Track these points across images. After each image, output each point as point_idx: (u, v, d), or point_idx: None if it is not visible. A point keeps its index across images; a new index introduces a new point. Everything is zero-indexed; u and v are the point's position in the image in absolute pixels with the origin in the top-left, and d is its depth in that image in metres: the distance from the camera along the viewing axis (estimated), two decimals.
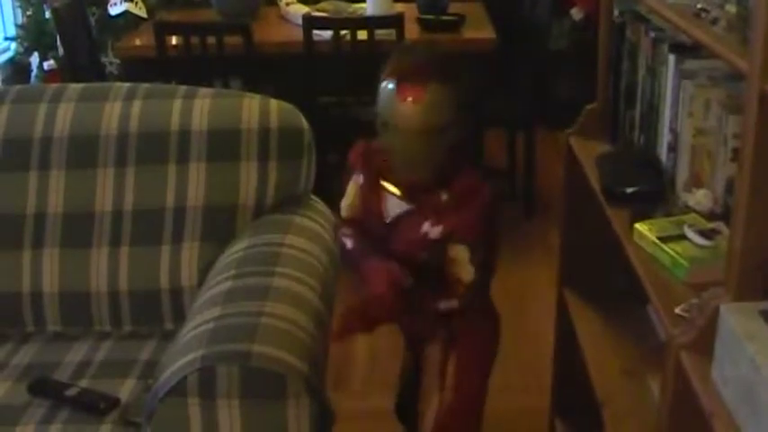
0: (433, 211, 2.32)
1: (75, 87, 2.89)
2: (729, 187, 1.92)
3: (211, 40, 4.44)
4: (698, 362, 1.53)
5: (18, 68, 5.78)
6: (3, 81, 5.61)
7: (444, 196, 2.31)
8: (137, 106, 2.78)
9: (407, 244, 2.34)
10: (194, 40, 4.43)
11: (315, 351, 2.18)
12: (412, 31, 4.66)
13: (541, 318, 3.12)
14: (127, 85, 2.89)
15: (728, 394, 1.42)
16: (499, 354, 2.63)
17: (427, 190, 2.33)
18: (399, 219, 2.37)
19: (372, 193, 2.41)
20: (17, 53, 5.83)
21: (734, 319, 1.44)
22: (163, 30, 4.55)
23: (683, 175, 2.13)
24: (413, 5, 5.06)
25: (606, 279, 2.68)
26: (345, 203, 2.50)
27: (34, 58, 5.71)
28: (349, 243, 2.46)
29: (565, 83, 5.96)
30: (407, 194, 2.36)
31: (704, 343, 1.53)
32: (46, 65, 5.65)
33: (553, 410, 3.07)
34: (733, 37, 1.65)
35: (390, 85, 2.22)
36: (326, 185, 3.12)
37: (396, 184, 2.37)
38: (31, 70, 5.71)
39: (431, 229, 2.30)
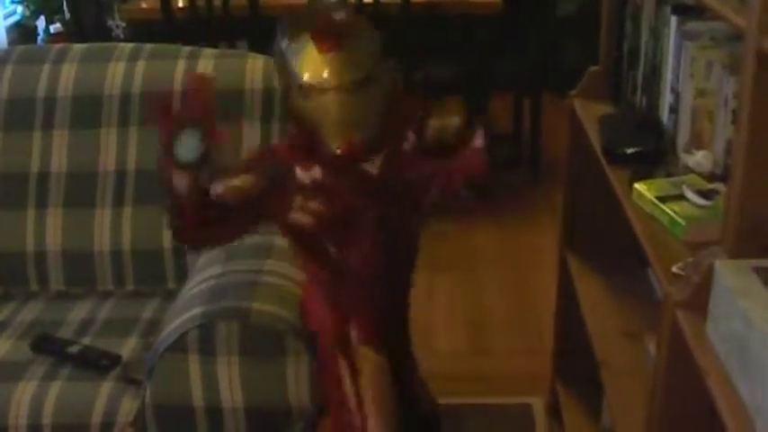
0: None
1: (78, 47, 2.89)
2: (729, 149, 1.92)
3: (217, 2, 4.43)
4: (693, 319, 1.54)
5: (24, 32, 5.79)
6: (9, 44, 5.62)
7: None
8: (140, 66, 2.78)
9: None
10: (200, 2, 4.42)
11: None
12: None
13: (547, 282, 3.12)
14: (131, 45, 2.89)
15: (722, 350, 1.42)
16: (504, 319, 2.60)
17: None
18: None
19: None
20: (24, 16, 5.84)
21: (728, 275, 1.44)
22: None
23: (683, 137, 2.13)
24: None
25: (608, 241, 2.68)
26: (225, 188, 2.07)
27: (40, 22, 5.72)
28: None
29: (571, 48, 5.94)
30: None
31: (699, 301, 1.53)
32: (52, 28, 5.66)
33: (554, 374, 3.08)
34: None
35: (305, 42, 1.97)
36: None
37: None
38: (38, 34, 5.73)
39: None
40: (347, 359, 2.06)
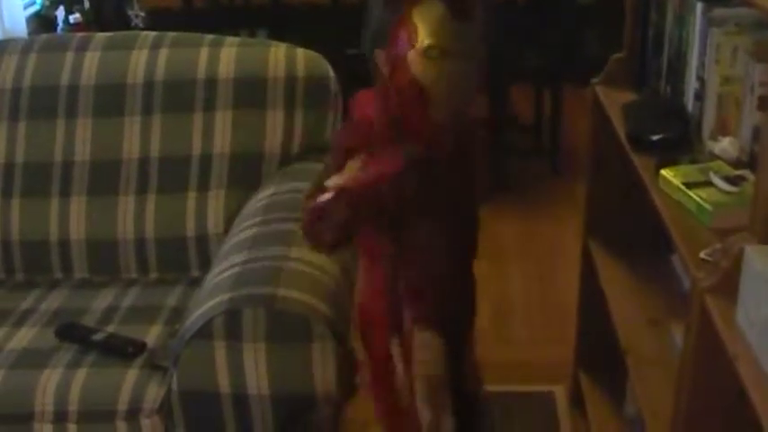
0: None
1: (101, 36, 2.91)
2: (756, 135, 1.91)
3: None
4: (722, 305, 1.53)
5: (44, 22, 5.79)
6: (29, 35, 5.62)
7: None
8: (163, 54, 2.79)
9: None
10: None
11: (339, 296, 2.19)
12: None
13: (569, 272, 3.12)
14: (153, 33, 2.90)
15: (753, 336, 1.42)
16: (527, 308, 2.61)
17: None
18: None
19: None
20: (43, 6, 5.84)
21: (759, 260, 1.43)
22: None
23: (709, 124, 2.12)
24: None
25: (630, 229, 2.68)
26: (336, 183, 2.02)
27: (60, 12, 5.72)
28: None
29: (592, 38, 5.93)
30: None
31: (728, 286, 1.52)
32: (72, 18, 5.65)
33: (576, 362, 3.08)
34: None
35: (433, 7, 1.92)
36: None
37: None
38: (57, 24, 5.72)
39: None
40: (401, 345, 2.05)
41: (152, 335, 2.36)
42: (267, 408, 2.05)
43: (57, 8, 5.74)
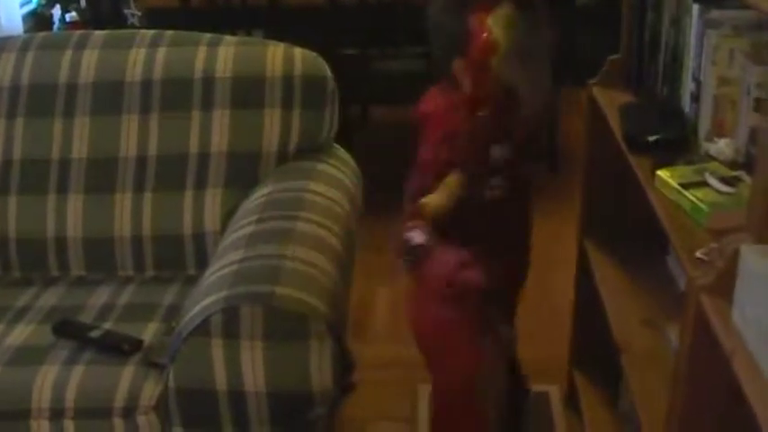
0: None
1: (99, 34, 2.91)
2: (752, 137, 1.93)
3: None
4: (718, 304, 1.54)
5: (40, 21, 5.80)
6: (25, 33, 5.63)
7: None
8: (161, 53, 2.80)
9: None
10: None
11: (336, 295, 2.20)
12: None
13: (565, 271, 3.12)
14: (151, 31, 2.91)
15: (749, 334, 1.43)
16: (521, 307, 2.66)
17: None
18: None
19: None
20: (39, 5, 5.84)
21: (755, 259, 1.44)
22: None
23: (705, 125, 2.13)
24: None
25: (626, 230, 2.69)
26: (438, 203, 2.24)
27: (56, 11, 5.73)
28: (419, 237, 2.26)
29: (588, 40, 5.92)
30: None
31: (725, 285, 1.53)
32: (68, 17, 5.67)
33: (571, 362, 3.09)
34: None
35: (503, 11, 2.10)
36: (346, 138, 3.13)
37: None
38: (53, 22, 5.73)
39: None
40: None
41: (149, 332, 2.37)
42: (264, 405, 2.06)
43: (53, 7, 5.74)
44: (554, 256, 4.07)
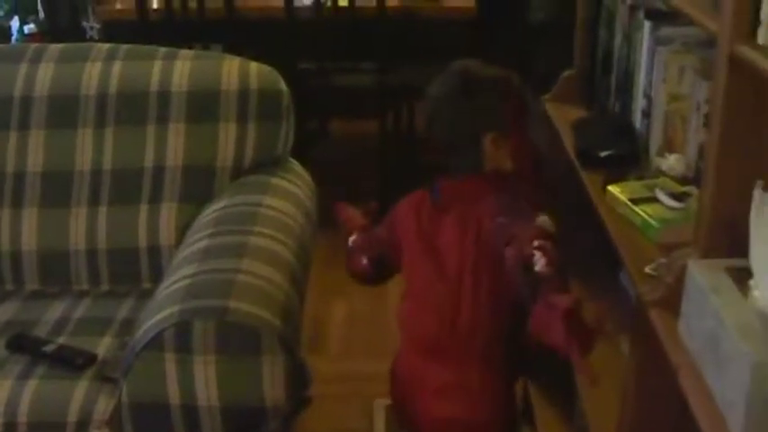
0: None
1: (55, 47, 2.90)
2: (702, 152, 1.95)
3: (192, 4, 4.43)
4: (665, 318, 1.56)
5: None
6: None
7: None
8: (117, 66, 2.79)
9: None
10: (175, 4, 4.42)
11: (290, 309, 2.20)
12: None
13: None
14: (107, 45, 2.90)
15: (694, 347, 1.45)
16: None
17: None
18: None
19: None
20: None
21: (701, 274, 1.46)
22: None
23: (656, 141, 2.16)
24: None
25: (579, 244, 2.70)
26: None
27: (14, 22, 5.69)
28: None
29: (543, 55, 5.96)
30: None
31: (672, 300, 1.55)
32: (26, 28, 5.63)
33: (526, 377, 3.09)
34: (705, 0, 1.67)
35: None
36: (304, 152, 3.14)
37: None
38: (12, 34, 5.69)
39: None
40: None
41: (103, 346, 2.36)
42: (217, 420, 2.05)
43: (11, 18, 5.71)
44: None
